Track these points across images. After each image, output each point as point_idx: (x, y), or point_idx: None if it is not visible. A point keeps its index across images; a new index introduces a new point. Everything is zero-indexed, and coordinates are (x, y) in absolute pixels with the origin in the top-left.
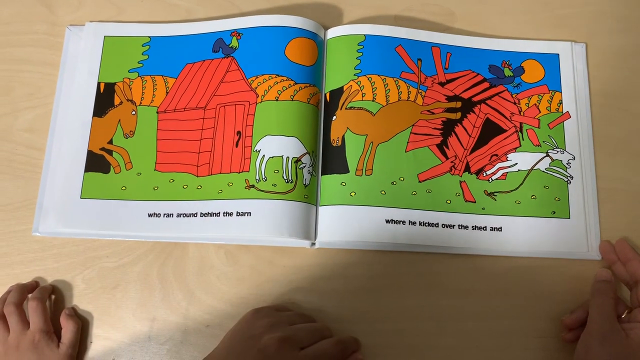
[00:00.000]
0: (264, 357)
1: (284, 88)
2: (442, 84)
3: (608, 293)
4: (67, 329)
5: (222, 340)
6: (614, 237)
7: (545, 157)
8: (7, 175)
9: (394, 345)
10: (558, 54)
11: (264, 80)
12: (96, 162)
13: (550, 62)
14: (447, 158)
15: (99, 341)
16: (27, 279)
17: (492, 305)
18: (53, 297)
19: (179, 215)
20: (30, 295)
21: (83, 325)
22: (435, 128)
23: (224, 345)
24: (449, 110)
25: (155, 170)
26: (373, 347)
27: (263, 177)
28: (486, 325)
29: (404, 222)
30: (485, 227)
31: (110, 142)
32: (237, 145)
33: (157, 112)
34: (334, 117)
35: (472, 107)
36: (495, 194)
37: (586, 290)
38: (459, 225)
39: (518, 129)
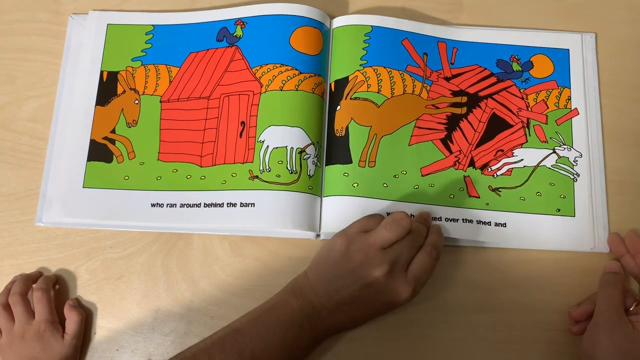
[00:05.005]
0: (373, 291)
1: (289, 78)
2: (447, 79)
3: (616, 285)
4: (71, 319)
5: (313, 267)
6: (623, 230)
7: (551, 153)
8: (10, 164)
9: (401, 337)
10: (568, 49)
11: (268, 70)
12: (99, 151)
13: (560, 57)
14: (451, 153)
15: (103, 332)
16: (30, 269)
17: (498, 298)
18: (57, 287)
19: (182, 205)
20: (34, 286)
21: (87, 315)
22: (439, 122)
23: (320, 273)
24: (454, 105)
25: (158, 160)
26: (380, 339)
27: (267, 167)
28: (493, 317)
29: None
30: (490, 222)
31: (113, 131)
32: (241, 136)
33: (161, 102)
34: (339, 107)
35: (478, 101)
36: (499, 189)
37: (593, 283)
38: (463, 219)
39: (525, 125)
